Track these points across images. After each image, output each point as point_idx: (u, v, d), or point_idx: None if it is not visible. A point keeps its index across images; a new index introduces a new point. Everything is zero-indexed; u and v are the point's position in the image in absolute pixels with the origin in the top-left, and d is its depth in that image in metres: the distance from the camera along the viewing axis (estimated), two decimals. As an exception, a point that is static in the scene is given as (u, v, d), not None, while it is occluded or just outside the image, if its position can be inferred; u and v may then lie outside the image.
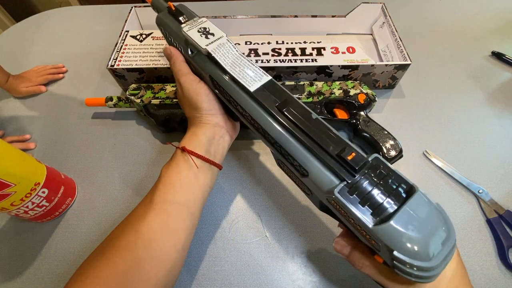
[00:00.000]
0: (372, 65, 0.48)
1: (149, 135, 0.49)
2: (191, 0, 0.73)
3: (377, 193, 0.22)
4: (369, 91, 0.46)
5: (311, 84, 0.47)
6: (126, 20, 0.56)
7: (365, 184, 0.22)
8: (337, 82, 0.47)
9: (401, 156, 0.42)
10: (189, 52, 0.32)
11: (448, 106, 0.52)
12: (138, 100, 0.45)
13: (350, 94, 0.46)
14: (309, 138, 0.25)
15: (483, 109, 0.51)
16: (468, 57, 0.60)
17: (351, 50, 0.52)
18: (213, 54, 0.29)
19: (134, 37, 0.54)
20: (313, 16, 0.58)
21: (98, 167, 0.46)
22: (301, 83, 0.47)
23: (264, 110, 0.27)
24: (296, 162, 0.26)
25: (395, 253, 0.20)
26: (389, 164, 0.23)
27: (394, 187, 0.22)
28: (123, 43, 0.53)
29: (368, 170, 0.23)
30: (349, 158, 0.23)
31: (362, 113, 0.45)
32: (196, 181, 0.30)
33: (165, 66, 0.49)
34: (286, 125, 0.26)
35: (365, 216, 0.21)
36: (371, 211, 0.21)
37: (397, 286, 0.24)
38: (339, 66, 0.48)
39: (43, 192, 0.36)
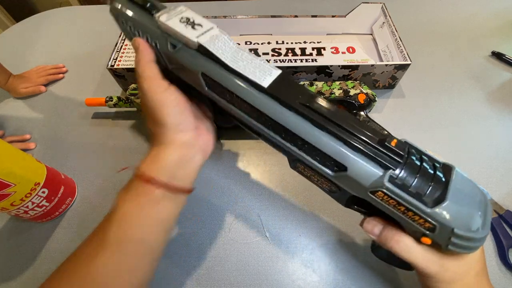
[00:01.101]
0: (372, 65, 0.48)
1: (149, 135, 0.49)
2: (192, 0, 0.74)
3: (421, 176, 0.21)
4: (369, 91, 0.46)
5: (311, 84, 0.47)
6: None
7: (410, 168, 0.21)
8: (337, 82, 0.47)
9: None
10: (170, 47, 0.26)
11: (448, 106, 0.52)
12: (138, 100, 0.45)
13: (350, 94, 0.46)
14: (344, 130, 0.23)
15: (483, 109, 0.51)
16: (468, 57, 0.60)
17: (351, 50, 0.52)
18: (207, 47, 0.24)
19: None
20: (313, 16, 0.58)
21: (98, 167, 0.46)
22: (301, 83, 0.47)
23: (286, 108, 0.24)
24: (330, 158, 0.23)
25: (456, 230, 0.20)
26: (418, 146, 0.23)
27: (433, 167, 0.22)
28: (123, 43, 0.53)
29: (409, 152, 0.22)
30: (393, 145, 0.21)
31: (362, 113, 0.45)
32: (157, 214, 0.26)
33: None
34: (317, 121, 0.23)
35: (420, 201, 0.21)
36: (423, 194, 0.21)
37: (431, 263, 0.24)
38: (339, 66, 0.48)
39: (43, 192, 0.36)
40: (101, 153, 0.47)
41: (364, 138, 0.22)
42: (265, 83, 0.24)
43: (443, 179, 0.22)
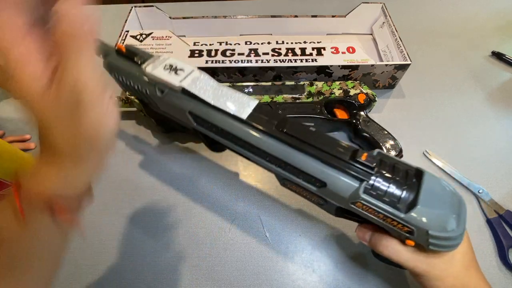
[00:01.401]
0: (372, 65, 0.48)
1: (149, 135, 0.49)
2: (192, 0, 0.74)
3: (394, 184, 0.23)
4: (369, 91, 0.46)
5: (311, 84, 0.47)
6: (126, 20, 0.56)
7: (382, 178, 0.23)
8: (337, 82, 0.47)
9: (401, 156, 0.42)
10: (158, 93, 0.29)
11: (448, 106, 0.52)
12: (138, 101, 0.45)
13: (350, 94, 0.46)
14: (319, 150, 0.25)
15: (483, 109, 0.51)
16: (468, 57, 0.60)
17: (351, 50, 0.52)
18: (190, 90, 0.27)
19: (134, 37, 0.54)
20: (313, 16, 0.58)
21: (98, 167, 0.45)
22: (301, 83, 0.47)
23: (265, 135, 0.26)
24: (310, 176, 0.26)
25: (430, 232, 0.22)
26: (391, 155, 0.25)
27: (405, 174, 0.24)
28: (123, 43, 0.53)
29: (380, 164, 0.24)
30: (363, 159, 0.23)
31: (362, 113, 0.45)
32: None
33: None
34: (293, 143, 0.25)
35: (394, 208, 0.23)
36: (396, 201, 0.23)
37: (419, 262, 0.25)
38: (339, 66, 0.48)
39: (43, 192, 0.36)
40: (101, 153, 0.47)
41: (337, 155, 0.24)
42: (244, 115, 0.26)
43: (415, 185, 0.23)
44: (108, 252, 0.38)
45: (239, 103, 0.27)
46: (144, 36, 0.55)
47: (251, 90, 0.46)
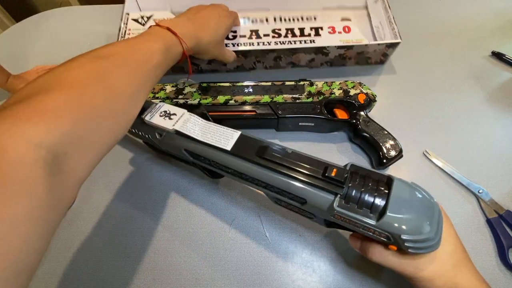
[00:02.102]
0: (366, 45, 0.50)
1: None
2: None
3: (366, 194, 0.25)
4: (369, 91, 0.46)
5: (311, 84, 0.47)
6: (124, 2, 0.55)
7: (354, 190, 0.25)
8: (337, 82, 0.47)
9: (401, 156, 0.42)
10: (158, 136, 0.35)
11: (448, 106, 0.52)
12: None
13: (350, 94, 0.46)
14: (294, 171, 0.28)
15: (483, 109, 0.51)
16: (468, 57, 0.60)
17: (347, 30, 0.54)
18: (181, 131, 0.32)
19: (136, 20, 0.54)
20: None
21: (98, 166, 0.45)
22: (301, 83, 0.47)
23: (247, 162, 0.30)
24: (292, 195, 0.28)
25: (402, 236, 0.23)
26: (363, 166, 0.27)
27: (376, 183, 0.26)
28: (126, 27, 0.53)
29: (351, 177, 0.26)
30: (333, 174, 0.26)
31: (362, 113, 0.45)
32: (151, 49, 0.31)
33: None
34: (272, 167, 0.28)
35: (366, 217, 0.24)
36: (369, 210, 0.25)
37: (406, 265, 0.27)
38: (335, 46, 0.50)
39: (43, 192, 0.36)
40: (101, 153, 0.47)
41: (311, 173, 0.27)
42: (229, 146, 0.30)
43: (385, 193, 0.25)
44: (107, 252, 0.38)
45: (224, 136, 0.31)
46: (145, 19, 0.54)
47: (251, 90, 0.46)
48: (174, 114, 0.34)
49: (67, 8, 0.74)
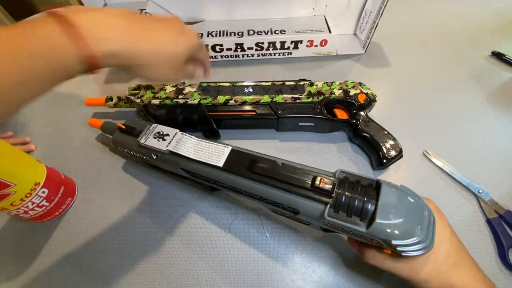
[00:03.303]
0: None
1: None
2: None
3: (355, 201, 0.25)
4: (369, 91, 0.46)
5: (311, 84, 0.47)
6: None
7: (343, 198, 0.25)
8: (337, 82, 0.47)
9: (401, 156, 0.42)
10: (154, 157, 0.36)
11: (448, 105, 0.52)
12: (138, 100, 0.45)
13: (350, 94, 0.46)
14: (285, 183, 0.28)
15: (483, 109, 0.51)
16: (468, 57, 0.60)
17: (323, 43, 0.58)
18: (175, 151, 0.33)
19: None
20: None
21: (98, 167, 0.46)
22: (301, 83, 0.47)
23: (239, 177, 0.30)
24: (285, 205, 0.29)
25: (393, 242, 0.23)
26: (352, 171, 0.27)
27: (365, 188, 0.26)
28: None
29: (340, 185, 0.26)
30: (321, 184, 0.26)
31: (362, 113, 0.45)
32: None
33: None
34: (263, 181, 0.29)
35: (357, 225, 0.25)
36: (358, 217, 0.25)
37: (401, 268, 0.27)
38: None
39: (43, 192, 0.36)
40: (101, 153, 0.47)
41: (300, 184, 0.27)
42: (220, 163, 0.31)
43: (374, 199, 0.25)
44: (107, 252, 0.38)
45: (215, 153, 0.32)
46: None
47: (251, 90, 0.46)
48: (167, 134, 0.35)
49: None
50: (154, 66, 0.27)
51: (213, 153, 0.32)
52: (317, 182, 0.26)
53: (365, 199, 0.25)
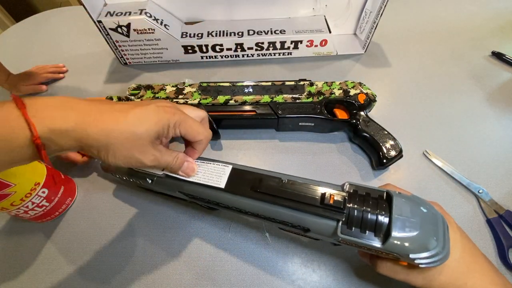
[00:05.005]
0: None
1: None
2: None
3: (368, 215, 0.24)
4: (369, 91, 0.46)
5: (311, 84, 0.47)
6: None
7: (356, 213, 0.24)
8: (337, 82, 0.47)
9: (401, 156, 0.42)
10: (149, 181, 0.33)
11: (448, 106, 0.52)
12: (139, 100, 0.45)
13: (350, 94, 0.46)
14: (292, 201, 0.26)
15: (483, 109, 0.51)
16: (468, 57, 0.60)
17: (323, 43, 0.58)
18: (170, 174, 0.31)
19: (114, 30, 0.52)
20: None
21: (98, 167, 0.46)
22: (301, 83, 0.47)
23: (243, 198, 0.28)
24: (294, 224, 0.28)
25: (411, 256, 0.23)
26: (360, 184, 0.27)
27: (376, 201, 0.25)
28: (110, 38, 0.53)
29: (350, 200, 0.25)
30: (331, 202, 0.25)
31: (362, 113, 0.45)
32: None
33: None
34: (269, 200, 0.27)
35: (372, 240, 0.24)
36: (373, 233, 0.24)
37: (415, 278, 0.26)
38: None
39: (43, 192, 0.36)
40: (101, 153, 0.47)
41: (309, 202, 0.26)
42: (222, 184, 0.29)
43: (387, 212, 0.24)
44: (107, 253, 0.38)
45: (216, 173, 0.30)
46: (124, 29, 0.52)
47: (251, 90, 0.46)
48: None
49: (67, 8, 0.75)
50: (111, 148, 0.23)
51: (212, 173, 0.30)
52: (327, 198, 0.25)
53: (378, 212, 0.24)
